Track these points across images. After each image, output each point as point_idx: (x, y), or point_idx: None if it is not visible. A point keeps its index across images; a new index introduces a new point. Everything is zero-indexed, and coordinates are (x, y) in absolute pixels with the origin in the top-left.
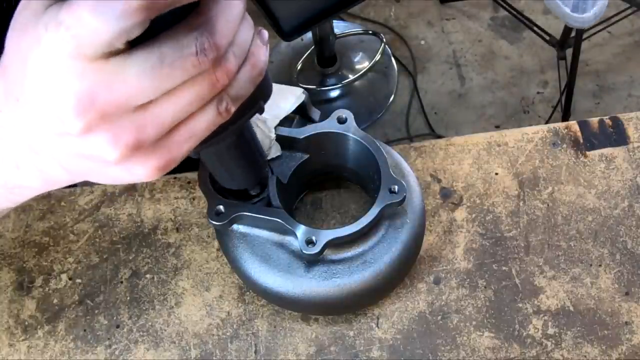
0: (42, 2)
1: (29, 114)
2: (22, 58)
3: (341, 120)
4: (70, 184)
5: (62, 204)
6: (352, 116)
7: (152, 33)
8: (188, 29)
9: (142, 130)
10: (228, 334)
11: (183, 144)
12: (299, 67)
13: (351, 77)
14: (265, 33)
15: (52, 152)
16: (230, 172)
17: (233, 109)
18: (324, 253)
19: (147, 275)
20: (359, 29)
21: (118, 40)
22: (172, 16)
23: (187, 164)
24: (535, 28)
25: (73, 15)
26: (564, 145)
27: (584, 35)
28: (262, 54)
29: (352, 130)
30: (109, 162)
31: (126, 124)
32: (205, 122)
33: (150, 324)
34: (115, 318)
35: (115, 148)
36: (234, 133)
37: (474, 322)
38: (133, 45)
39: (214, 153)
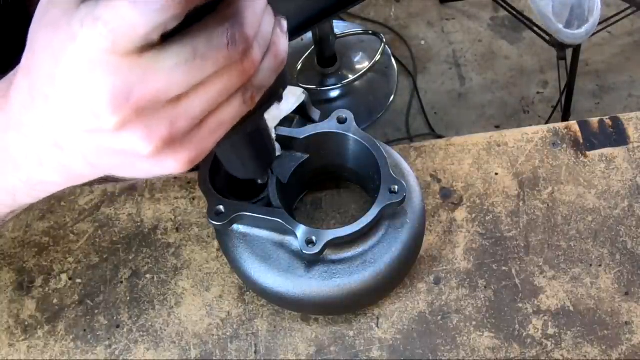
0: (74, 1)
1: (59, 111)
2: (54, 55)
3: (341, 120)
4: (94, 178)
5: (62, 203)
6: (352, 116)
7: (184, 25)
8: (220, 20)
9: (175, 124)
10: (228, 334)
11: (213, 135)
12: (299, 67)
13: (351, 77)
14: (285, 22)
15: (80, 148)
16: (243, 161)
17: (258, 98)
18: (324, 253)
19: (147, 275)
20: (359, 29)
21: (154, 34)
22: (205, 8)
23: None
24: (535, 28)
25: (112, 10)
26: (564, 146)
27: None
28: (282, 44)
29: (352, 130)
30: (141, 156)
31: (159, 118)
32: (232, 112)
33: (150, 324)
34: (115, 318)
35: (150, 143)
36: (254, 122)
37: (474, 322)
38: (165, 38)
39: (230, 143)
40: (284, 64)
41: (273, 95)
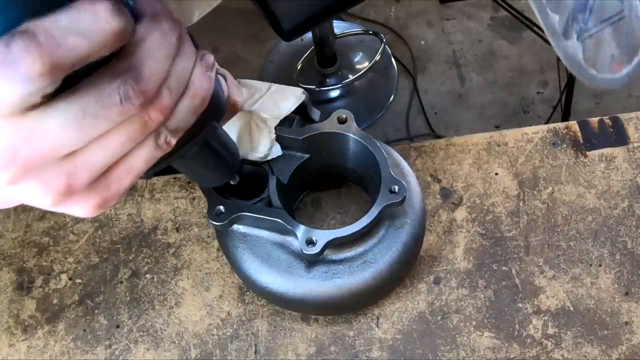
0: None
1: None
2: None
3: (341, 120)
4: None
5: None
6: (352, 116)
7: (75, 79)
8: (110, 75)
9: (73, 177)
10: (228, 334)
11: (122, 180)
12: (299, 67)
13: (351, 77)
14: (210, 57)
15: None
16: (200, 176)
17: (174, 141)
18: (324, 253)
19: (147, 275)
20: (359, 29)
21: (31, 99)
22: (92, 65)
23: None
24: (535, 28)
25: None
26: (564, 145)
27: None
28: (204, 82)
29: (352, 131)
30: (42, 207)
31: (55, 173)
32: (143, 157)
33: (150, 324)
34: (115, 318)
35: (47, 196)
36: (190, 149)
37: (474, 322)
38: (53, 96)
39: (179, 163)
40: (205, 104)
41: (202, 128)
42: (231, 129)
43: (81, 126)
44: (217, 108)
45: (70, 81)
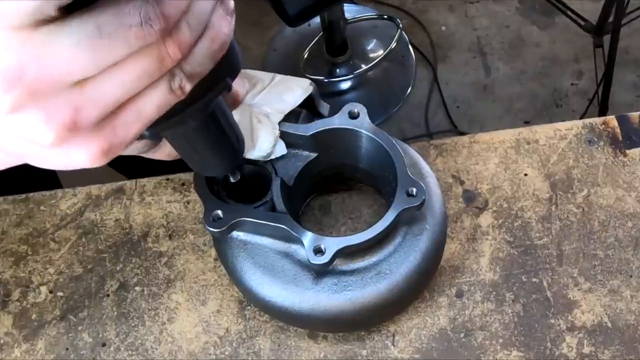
0: None
1: None
2: None
3: (353, 115)
4: (11, 165)
5: (42, 208)
6: (365, 110)
7: None
8: None
9: (81, 110)
10: (227, 353)
11: (131, 125)
12: (305, 56)
13: (364, 66)
14: (231, 2)
15: None
16: (202, 157)
17: (188, 87)
18: (334, 263)
19: (137, 288)
20: (372, 14)
21: (48, 7)
22: None
23: (180, 164)
24: (569, 12)
25: None
26: (601, 143)
27: (624, 20)
28: (224, 26)
29: (365, 126)
30: (44, 143)
31: (62, 103)
32: (156, 102)
33: (139, 342)
34: (100, 335)
35: (50, 129)
36: (199, 113)
37: (500, 340)
38: (69, 12)
39: (181, 135)
40: (224, 50)
41: (216, 83)
42: None
43: (96, 47)
44: (233, 63)
45: (89, 1)
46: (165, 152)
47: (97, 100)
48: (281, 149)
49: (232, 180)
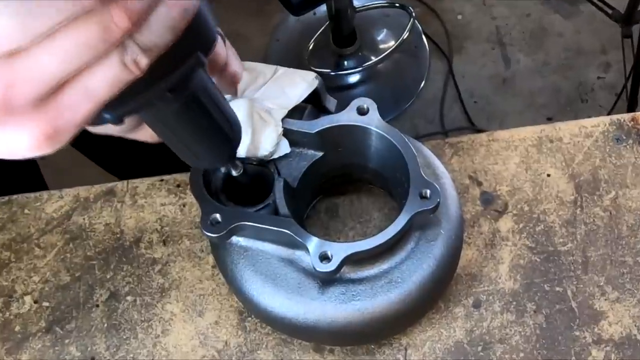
0: None
1: None
2: None
3: (362, 111)
4: None
5: (26, 211)
6: (375, 106)
7: None
8: None
9: (13, 86)
10: None
11: (79, 106)
12: (310, 47)
13: (374, 58)
14: None
15: None
16: (187, 146)
17: (144, 62)
18: (342, 271)
19: (128, 298)
20: (383, 1)
21: None
22: None
23: (176, 163)
24: (595, 0)
25: None
26: (630, 141)
27: None
28: None
29: (375, 123)
30: None
31: None
32: (106, 79)
33: (131, 356)
34: (89, 349)
35: None
36: (172, 95)
37: (521, 354)
38: None
39: (159, 120)
40: (188, 19)
41: (184, 58)
42: None
43: (24, 13)
44: (203, 35)
45: None
46: (148, 132)
47: (32, 76)
48: (284, 148)
49: (234, 173)
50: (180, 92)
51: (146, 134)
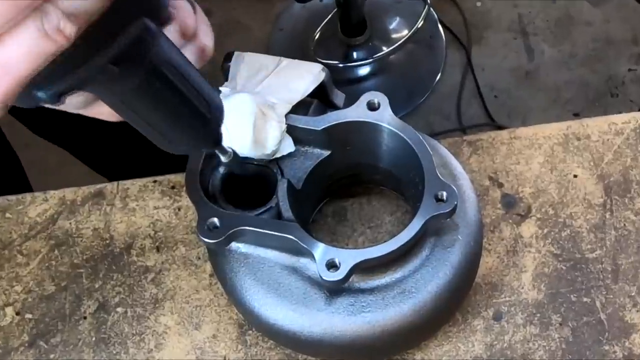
0: None
1: None
2: None
3: (372, 106)
4: None
5: (7, 215)
6: (387, 101)
7: None
8: None
9: None
10: None
11: None
12: (317, 37)
13: (385, 49)
14: None
15: None
16: (154, 127)
17: (71, 30)
18: (350, 280)
19: (119, 309)
20: None
21: None
22: None
23: (171, 163)
24: None
25: None
26: None
27: None
28: None
29: (386, 119)
30: None
31: None
32: (24, 49)
33: None
34: None
35: None
36: (128, 69)
37: None
38: None
39: (118, 98)
40: None
41: (125, 26)
42: (229, 117)
43: None
44: None
45: None
46: (106, 108)
47: None
48: (288, 146)
49: (223, 159)
50: (131, 65)
51: (104, 111)
